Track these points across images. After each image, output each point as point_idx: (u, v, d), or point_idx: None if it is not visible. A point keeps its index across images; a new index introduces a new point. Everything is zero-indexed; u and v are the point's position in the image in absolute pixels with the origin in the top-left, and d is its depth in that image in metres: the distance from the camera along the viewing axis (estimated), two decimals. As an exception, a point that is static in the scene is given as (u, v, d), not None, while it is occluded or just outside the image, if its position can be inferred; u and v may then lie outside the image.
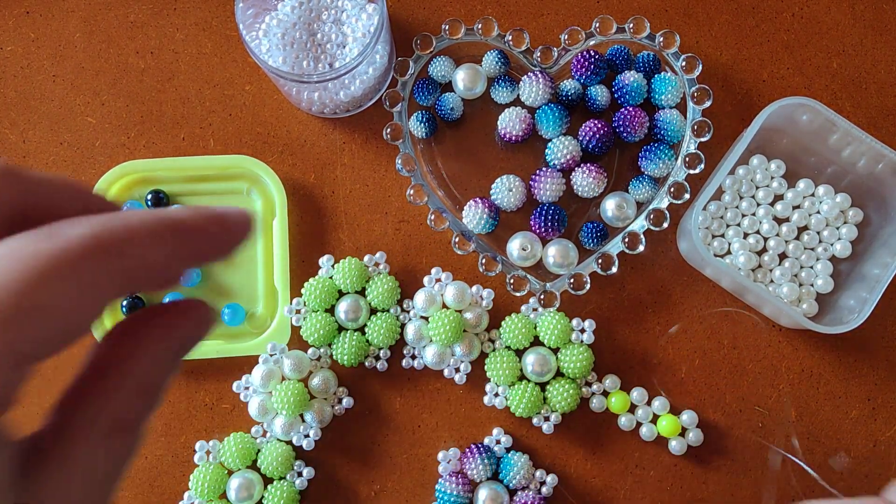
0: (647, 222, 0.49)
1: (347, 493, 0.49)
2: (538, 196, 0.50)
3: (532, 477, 0.48)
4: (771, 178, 0.51)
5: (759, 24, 0.53)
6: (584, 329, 0.50)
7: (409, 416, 0.50)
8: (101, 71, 0.53)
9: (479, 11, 0.53)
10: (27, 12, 0.53)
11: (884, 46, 0.53)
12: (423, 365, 0.50)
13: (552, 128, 0.49)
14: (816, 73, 0.53)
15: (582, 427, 0.50)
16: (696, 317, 0.50)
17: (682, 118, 0.50)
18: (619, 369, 0.50)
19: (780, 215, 0.51)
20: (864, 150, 0.48)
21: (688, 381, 0.50)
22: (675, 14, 0.53)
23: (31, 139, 0.52)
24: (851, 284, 0.49)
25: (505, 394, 0.49)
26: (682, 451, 0.49)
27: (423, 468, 0.49)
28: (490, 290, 0.50)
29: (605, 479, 0.49)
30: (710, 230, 0.51)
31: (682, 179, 0.49)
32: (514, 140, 0.50)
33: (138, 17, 0.53)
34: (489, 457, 0.48)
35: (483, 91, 0.51)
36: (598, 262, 0.49)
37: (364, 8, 0.49)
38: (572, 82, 0.50)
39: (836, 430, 0.50)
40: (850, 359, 0.50)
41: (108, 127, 0.52)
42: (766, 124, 0.48)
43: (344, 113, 0.52)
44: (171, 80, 0.53)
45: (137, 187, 0.51)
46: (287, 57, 0.49)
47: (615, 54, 0.51)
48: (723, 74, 0.52)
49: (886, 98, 0.52)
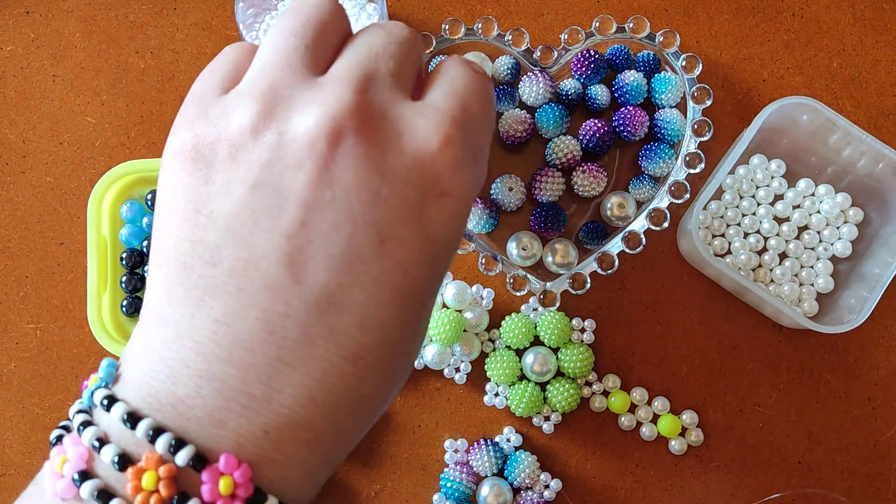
0: (647, 222, 0.49)
1: (347, 493, 0.49)
2: (538, 196, 0.50)
3: (537, 478, 0.48)
4: (771, 178, 0.51)
5: (759, 24, 0.53)
6: (584, 329, 0.50)
7: (409, 416, 0.50)
8: (101, 71, 0.53)
9: (479, 11, 0.53)
10: (27, 12, 0.53)
11: (884, 46, 0.53)
12: (423, 364, 0.50)
13: (553, 127, 0.49)
14: (816, 73, 0.53)
15: (582, 427, 0.50)
16: (697, 317, 0.50)
17: (682, 118, 0.50)
18: (619, 369, 0.50)
19: (781, 215, 0.51)
20: (864, 150, 0.48)
21: (688, 381, 0.50)
22: (675, 14, 0.53)
23: (31, 139, 0.52)
24: (852, 284, 0.49)
25: (505, 393, 0.49)
26: (682, 451, 0.49)
27: (423, 468, 0.49)
28: (490, 290, 0.50)
29: (605, 479, 0.49)
30: (711, 230, 0.51)
31: (683, 179, 0.49)
32: (515, 141, 0.50)
33: (138, 17, 0.53)
34: (497, 452, 0.48)
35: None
36: (598, 261, 0.49)
37: (364, 8, 0.49)
38: (572, 81, 0.50)
39: (836, 430, 0.49)
40: (850, 359, 0.50)
41: (108, 127, 0.52)
42: (766, 124, 0.48)
43: (344, 113, 0.52)
44: (171, 80, 0.53)
45: (137, 187, 0.51)
46: (287, 57, 0.49)
47: (615, 54, 0.51)
48: (723, 74, 0.53)
49: (886, 98, 0.52)
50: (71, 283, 0.51)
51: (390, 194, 0.23)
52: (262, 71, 0.24)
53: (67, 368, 0.51)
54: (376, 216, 0.22)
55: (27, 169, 0.52)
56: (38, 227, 0.51)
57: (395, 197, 0.23)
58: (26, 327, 0.51)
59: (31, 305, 0.51)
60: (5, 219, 0.52)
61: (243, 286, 0.22)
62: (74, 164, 0.52)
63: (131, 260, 0.49)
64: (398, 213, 0.23)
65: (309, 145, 0.22)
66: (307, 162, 0.22)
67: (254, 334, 0.22)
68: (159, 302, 0.23)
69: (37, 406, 0.51)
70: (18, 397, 0.50)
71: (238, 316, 0.22)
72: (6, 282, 0.51)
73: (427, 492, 0.49)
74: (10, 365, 0.51)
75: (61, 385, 0.51)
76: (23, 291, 0.51)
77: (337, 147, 0.22)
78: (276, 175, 0.22)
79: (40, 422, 0.50)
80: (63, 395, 0.50)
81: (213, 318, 0.22)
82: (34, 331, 0.51)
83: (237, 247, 0.22)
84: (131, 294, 0.49)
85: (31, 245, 0.51)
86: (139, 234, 0.49)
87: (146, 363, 0.22)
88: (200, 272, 0.22)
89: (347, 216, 0.22)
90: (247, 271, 0.22)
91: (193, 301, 0.22)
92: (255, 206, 0.22)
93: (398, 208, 0.23)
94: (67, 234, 0.51)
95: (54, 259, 0.51)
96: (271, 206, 0.22)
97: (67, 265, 0.51)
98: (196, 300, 0.22)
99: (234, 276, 0.22)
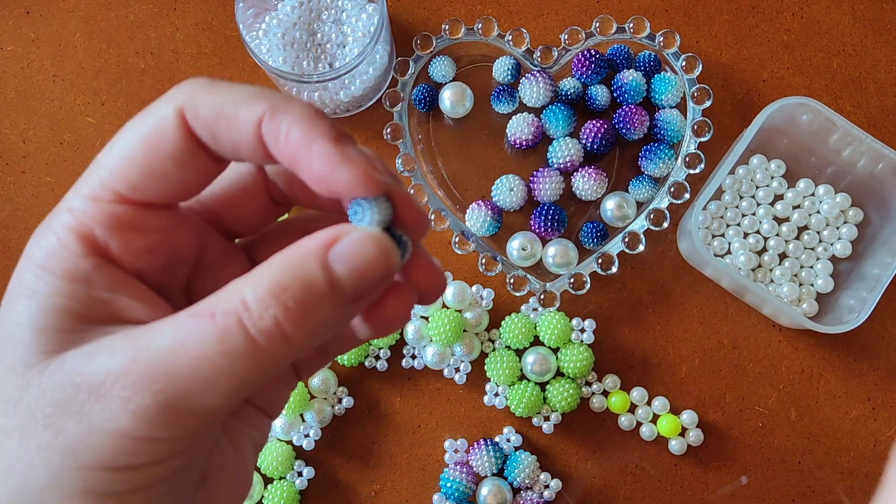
0: (647, 222, 0.49)
1: (347, 493, 0.49)
2: (538, 196, 0.50)
3: (537, 479, 0.48)
4: (771, 178, 0.51)
5: (759, 24, 0.53)
6: (584, 329, 0.50)
7: (409, 416, 0.50)
8: (101, 71, 0.53)
9: (479, 11, 0.53)
10: (27, 12, 0.53)
11: (884, 46, 0.53)
12: (423, 365, 0.50)
13: (560, 127, 0.49)
14: (816, 73, 0.53)
15: (582, 427, 0.50)
16: (697, 317, 0.50)
17: (682, 118, 0.50)
18: (619, 369, 0.50)
19: (780, 215, 0.51)
20: (864, 150, 0.48)
21: (688, 381, 0.50)
22: (675, 14, 0.53)
23: (31, 139, 0.52)
24: (851, 284, 0.49)
25: (505, 394, 0.49)
26: (682, 451, 0.49)
27: (423, 468, 0.49)
28: (490, 290, 0.50)
29: (605, 479, 0.49)
30: (710, 230, 0.51)
31: (682, 179, 0.49)
32: (524, 145, 0.50)
33: (138, 17, 0.53)
34: (496, 452, 0.48)
35: (470, 109, 0.51)
36: (598, 262, 0.49)
37: (364, 8, 0.49)
38: (572, 81, 0.50)
39: (836, 430, 0.50)
40: (850, 359, 0.50)
41: (108, 127, 0.52)
42: (766, 124, 0.48)
43: (344, 113, 0.52)
44: (171, 80, 0.53)
45: (137, 187, 0.50)
46: (287, 57, 0.49)
47: (615, 54, 0.51)
48: (723, 74, 0.53)
49: (886, 98, 0.52)
50: (71, 283, 0.51)
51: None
52: None
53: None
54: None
55: (27, 169, 0.52)
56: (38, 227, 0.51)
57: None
58: (26, 327, 0.51)
59: (31, 305, 0.51)
60: (5, 219, 0.52)
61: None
62: (74, 164, 0.52)
63: (131, 260, 0.49)
64: None
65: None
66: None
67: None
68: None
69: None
70: (18, 397, 0.50)
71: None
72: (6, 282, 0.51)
73: (427, 492, 0.49)
74: (10, 365, 0.51)
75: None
76: (23, 291, 0.51)
77: None
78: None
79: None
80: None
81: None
82: (34, 331, 0.51)
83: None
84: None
85: (31, 245, 0.51)
86: (139, 234, 0.49)
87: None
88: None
89: None
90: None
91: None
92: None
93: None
94: (67, 234, 0.51)
95: (54, 259, 0.51)
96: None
97: (67, 265, 0.51)
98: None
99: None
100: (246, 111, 0.20)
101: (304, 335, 0.19)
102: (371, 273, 0.20)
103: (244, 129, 0.20)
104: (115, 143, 0.21)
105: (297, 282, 0.19)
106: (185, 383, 0.19)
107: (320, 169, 0.20)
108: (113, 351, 0.19)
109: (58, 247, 0.21)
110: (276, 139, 0.20)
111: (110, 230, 0.21)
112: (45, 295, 0.21)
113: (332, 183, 0.20)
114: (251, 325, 0.19)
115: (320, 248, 0.19)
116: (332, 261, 0.19)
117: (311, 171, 0.20)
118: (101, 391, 0.19)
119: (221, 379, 0.19)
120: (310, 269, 0.19)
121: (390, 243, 0.20)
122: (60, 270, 0.21)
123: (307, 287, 0.19)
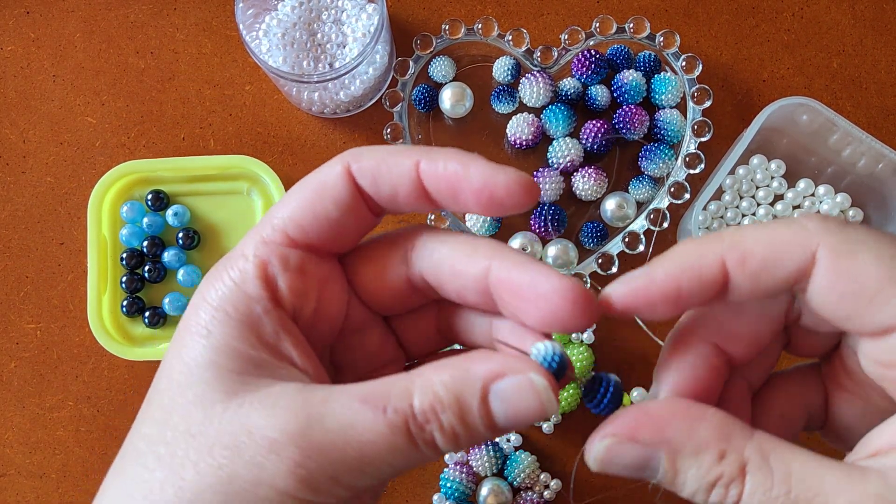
0: (647, 222, 0.49)
1: (347, 493, 0.49)
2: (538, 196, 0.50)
3: (537, 479, 0.48)
4: (771, 178, 0.51)
5: (759, 24, 0.53)
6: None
7: (409, 416, 0.50)
8: (101, 71, 0.53)
9: (479, 11, 0.53)
10: (27, 12, 0.53)
11: (884, 46, 0.53)
12: (423, 365, 0.50)
13: (560, 127, 0.49)
14: (816, 73, 0.53)
15: (582, 427, 0.50)
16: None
17: (682, 118, 0.50)
18: (619, 369, 0.50)
19: (781, 215, 0.51)
20: (864, 150, 0.48)
21: (688, 381, 0.50)
22: (675, 14, 0.53)
23: (31, 139, 0.52)
24: (851, 284, 0.49)
25: (505, 394, 0.49)
26: (682, 451, 0.49)
27: (422, 468, 0.49)
28: (490, 290, 0.50)
29: (605, 479, 0.49)
30: (711, 230, 0.51)
31: (682, 179, 0.49)
32: (524, 145, 0.50)
33: (138, 17, 0.53)
34: (496, 452, 0.48)
35: (470, 109, 0.51)
36: (598, 262, 0.49)
37: (364, 8, 0.49)
38: (572, 81, 0.50)
39: (836, 430, 0.49)
40: (850, 359, 0.50)
41: (108, 127, 0.52)
42: (766, 124, 0.48)
43: (344, 113, 0.52)
44: (171, 80, 0.53)
45: (137, 187, 0.51)
46: (287, 57, 0.49)
47: (615, 54, 0.51)
48: (723, 74, 0.53)
49: (886, 98, 0.52)
50: (71, 284, 0.51)
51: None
52: None
53: (67, 368, 0.51)
54: None
55: (27, 169, 0.52)
56: (38, 227, 0.51)
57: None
58: (26, 327, 0.51)
59: (32, 305, 0.51)
60: (5, 219, 0.52)
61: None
62: (74, 164, 0.52)
63: (131, 260, 0.49)
64: None
65: None
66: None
67: None
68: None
69: (37, 406, 0.51)
70: (18, 397, 0.50)
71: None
72: (6, 282, 0.51)
73: (427, 492, 0.49)
74: (10, 365, 0.51)
75: (61, 385, 0.51)
76: (23, 291, 0.51)
77: None
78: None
79: (40, 422, 0.50)
80: (63, 395, 0.50)
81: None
82: (34, 331, 0.51)
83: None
84: (131, 294, 0.49)
85: (31, 245, 0.51)
86: (139, 234, 0.49)
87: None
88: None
89: None
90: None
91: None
92: None
93: None
94: (67, 234, 0.51)
95: (54, 259, 0.51)
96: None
97: (67, 265, 0.51)
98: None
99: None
100: (405, 157, 0.23)
101: (452, 449, 0.22)
102: (525, 419, 0.22)
103: (404, 169, 0.23)
104: (288, 196, 0.24)
105: (454, 406, 0.21)
106: (350, 462, 0.21)
107: (479, 179, 0.23)
108: (288, 410, 0.21)
109: (234, 288, 0.23)
110: (434, 171, 0.23)
111: (281, 267, 0.23)
112: (221, 335, 0.22)
113: (493, 187, 0.23)
114: (415, 431, 0.21)
115: (485, 380, 0.21)
116: (493, 397, 0.21)
117: (472, 185, 0.23)
118: (273, 448, 0.21)
119: (383, 467, 0.21)
120: (469, 399, 0.21)
121: (551, 398, 0.22)
122: (235, 312, 0.23)
123: (462, 415, 0.21)
